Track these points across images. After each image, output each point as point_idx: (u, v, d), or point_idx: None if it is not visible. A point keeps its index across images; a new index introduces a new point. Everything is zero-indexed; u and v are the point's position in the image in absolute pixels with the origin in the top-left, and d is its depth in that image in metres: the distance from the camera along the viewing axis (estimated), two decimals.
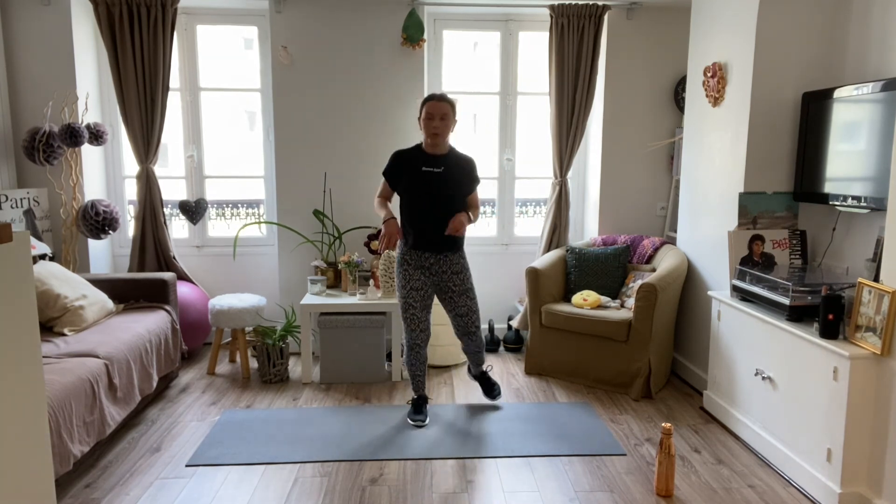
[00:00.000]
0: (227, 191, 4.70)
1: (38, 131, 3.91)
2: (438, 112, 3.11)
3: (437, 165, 3.16)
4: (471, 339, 3.38)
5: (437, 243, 3.18)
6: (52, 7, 4.10)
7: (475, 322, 3.34)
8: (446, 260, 3.21)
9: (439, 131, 3.11)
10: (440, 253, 3.20)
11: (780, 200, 3.34)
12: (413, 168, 3.16)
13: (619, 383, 3.77)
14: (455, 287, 3.25)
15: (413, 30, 4.25)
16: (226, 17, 4.47)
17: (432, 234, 3.17)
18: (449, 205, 3.15)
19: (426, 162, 3.16)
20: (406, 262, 3.23)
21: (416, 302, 3.23)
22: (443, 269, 3.23)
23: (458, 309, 3.30)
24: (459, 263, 3.25)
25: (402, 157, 3.21)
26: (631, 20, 4.41)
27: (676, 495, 2.68)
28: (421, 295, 3.24)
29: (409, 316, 3.26)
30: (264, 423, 3.33)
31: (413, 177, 3.15)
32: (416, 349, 3.32)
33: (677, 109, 4.51)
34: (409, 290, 3.22)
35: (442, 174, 3.14)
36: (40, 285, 3.26)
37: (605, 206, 4.59)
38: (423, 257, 3.20)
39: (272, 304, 4.72)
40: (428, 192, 3.13)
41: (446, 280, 3.24)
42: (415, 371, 3.38)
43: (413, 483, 2.78)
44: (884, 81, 2.68)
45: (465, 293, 3.28)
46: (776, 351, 2.90)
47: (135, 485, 2.74)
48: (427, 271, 3.23)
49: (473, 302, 3.31)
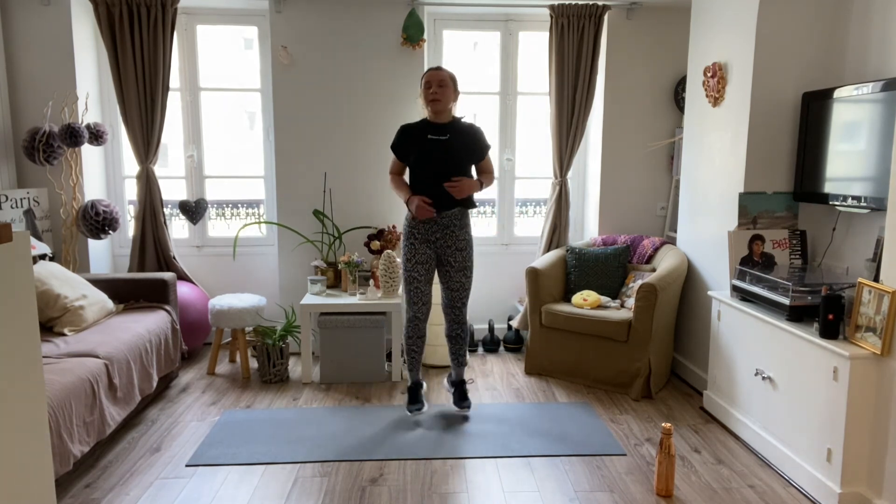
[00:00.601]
0: (227, 191, 4.70)
1: (38, 131, 3.91)
2: (436, 79, 3.18)
3: (443, 133, 3.21)
4: (455, 313, 3.37)
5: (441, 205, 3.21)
6: (52, 7, 4.10)
7: (463, 298, 3.36)
8: (452, 235, 3.25)
9: (438, 97, 3.16)
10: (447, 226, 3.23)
11: (780, 200, 3.34)
12: (419, 138, 3.22)
13: (619, 383, 3.77)
14: (455, 263, 3.29)
15: (413, 30, 4.25)
16: (226, 17, 4.47)
17: (441, 201, 3.20)
18: (458, 170, 3.20)
19: (431, 130, 3.22)
20: (413, 236, 3.26)
21: (420, 276, 3.28)
22: (447, 244, 3.26)
23: (451, 283, 3.33)
24: (465, 240, 3.29)
25: (407, 130, 3.29)
26: (631, 20, 4.41)
27: (676, 495, 2.68)
28: (426, 269, 3.29)
29: (412, 289, 3.30)
30: (264, 423, 3.33)
31: (420, 146, 3.21)
32: (417, 322, 3.36)
33: (677, 109, 4.51)
34: (415, 263, 3.26)
35: (448, 141, 3.20)
36: (40, 285, 3.26)
37: (605, 206, 4.59)
38: (430, 231, 3.24)
39: (272, 304, 4.72)
40: (436, 159, 3.18)
41: (448, 255, 3.28)
42: (412, 346, 3.40)
43: (413, 483, 2.78)
44: (884, 81, 2.68)
45: (462, 270, 3.31)
46: (776, 351, 2.90)
47: (135, 485, 2.74)
48: (433, 245, 3.27)
49: (468, 280, 3.35)
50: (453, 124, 3.26)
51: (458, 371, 3.50)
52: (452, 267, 3.30)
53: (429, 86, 3.18)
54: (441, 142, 3.19)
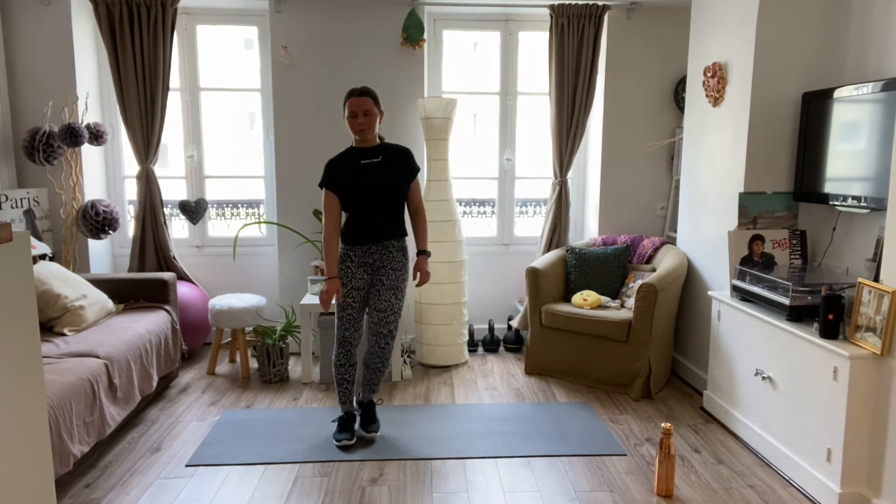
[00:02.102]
0: (227, 191, 4.70)
1: (38, 131, 3.91)
2: (361, 109, 2.99)
3: (375, 156, 3.06)
4: (380, 342, 3.14)
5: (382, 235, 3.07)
6: (52, 7, 4.10)
7: (390, 324, 3.13)
8: (390, 256, 3.10)
9: (365, 127, 3.01)
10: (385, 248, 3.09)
11: (780, 200, 3.34)
12: (352, 165, 3.05)
13: (619, 383, 3.77)
14: (387, 281, 3.09)
15: (413, 30, 4.25)
16: (226, 17, 4.47)
17: (378, 229, 3.05)
18: (394, 191, 3.05)
19: (362, 155, 3.06)
20: (349, 259, 3.07)
21: (355, 302, 3.08)
22: (383, 264, 3.09)
23: (378, 304, 3.09)
24: (401, 262, 3.13)
25: (337, 162, 3.09)
26: (631, 20, 4.41)
27: (676, 495, 2.68)
28: (361, 295, 3.09)
29: (346, 315, 3.08)
30: (264, 423, 3.33)
31: (353, 172, 3.03)
32: (349, 346, 3.13)
33: (677, 109, 4.51)
34: (350, 289, 3.06)
35: (381, 162, 3.05)
36: (40, 285, 3.26)
37: (605, 206, 4.59)
38: (368, 253, 3.08)
39: (272, 304, 4.72)
40: (371, 182, 3.02)
41: (382, 274, 3.10)
42: (344, 375, 3.16)
43: (413, 483, 2.78)
44: (884, 81, 2.68)
45: (392, 289, 3.10)
46: (776, 351, 2.90)
47: (135, 485, 2.74)
48: (369, 268, 3.10)
49: (398, 302, 3.12)
50: (382, 147, 3.09)
51: (367, 396, 3.27)
52: (384, 285, 3.08)
53: (354, 115, 2.99)
54: (375, 164, 3.04)
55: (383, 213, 3.05)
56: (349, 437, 3.11)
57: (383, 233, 3.07)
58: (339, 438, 3.12)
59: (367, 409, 3.26)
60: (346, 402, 3.22)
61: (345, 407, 3.22)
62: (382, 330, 3.13)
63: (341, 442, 3.10)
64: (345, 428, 3.16)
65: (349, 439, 3.11)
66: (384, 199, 3.04)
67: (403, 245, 3.16)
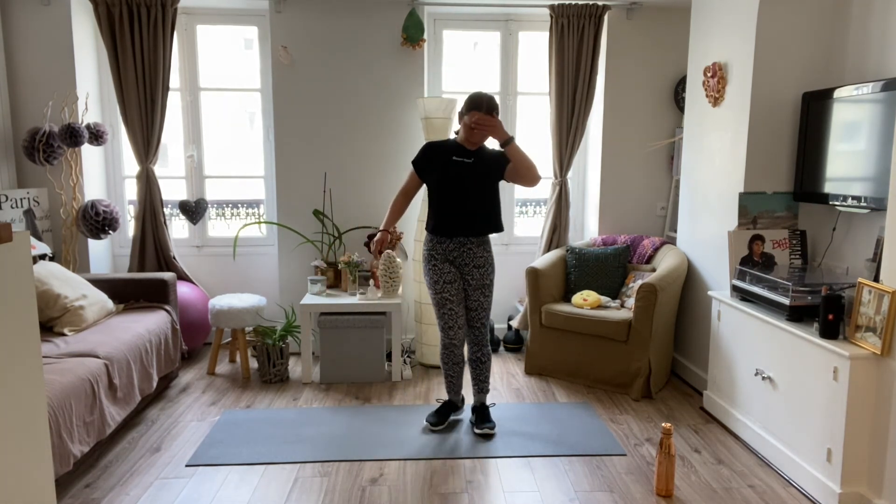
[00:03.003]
0: (227, 191, 4.70)
1: (38, 131, 3.91)
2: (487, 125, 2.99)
3: (469, 156, 3.10)
4: (475, 333, 3.24)
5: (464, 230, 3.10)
6: (52, 7, 4.10)
7: (482, 318, 3.23)
8: (470, 252, 3.13)
9: (479, 141, 3.08)
10: (466, 239, 3.12)
11: (780, 200, 3.34)
12: (444, 158, 3.10)
13: (619, 383, 3.77)
14: (473, 281, 3.16)
15: (413, 30, 4.25)
16: (226, 17, 4.47)
17: (458, 222, 3.09)
18: (478, 195, 3.08)
19: (457, 152, 3.11)
20: (433, 258, 3.14)
21: (451, 296, 3.12)
22: (465, 262, 3.15)
23: (469, 302, 3.20)
24: (483, 257, 3.16)
25: (433, 148, 3.14)
26: (631, 20, 4.41)
27: (676, 495, 2.68)
28: (455, 288, 3.14)
29: (446, 311, 3.14)
30: (264, 423, 3.33)
31: (443, 166, 3.08)
32: (452, 349, 3.23)
33: (677, 109, 4.51)
34: (444, 283, 3.11)
35: (472, 164, 3.08)
36: (40, 285, 3.26)
37: (605, 206, 4.59)
38: (448, 249, 3.13)
39: (272, 304, 4.72)
40: (457, 182, 3.06)
41: (466, 273, 3.16)
42: (448, 372, 3.30)
43: (413, 483, 2.78)
44: (884, 81, 2.68)
45: (481, 288, 3.18)
46: (776, 351, 2.90)
47: (135, 485, 2.74)
48: (453, 263, 3.16)
49: (487, 300, 3.22)
50: (481, 150, 3.13)
51: (480, 397, 3.33)
52: (470, 285, 3.17)
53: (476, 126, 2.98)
54: (465, 165, 3.07)
55: (467, 212, 3.09)
56: (438, 423, 3.29)
57: (462, 230, 3.10)
58: (432, 421, 3.29)
59: (480, 411, 3.32)
60: (453, 392, 3.38)
61: (451, 395, 3.39)
62: (476, 324, 3.25)
63: (429, 424, 3.29)
64: (439, 412, 3.34)
65: (437, 426, 3.28)
66: (468, 200, 3.07)
67: (484, 240, 3.18)
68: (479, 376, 3.30)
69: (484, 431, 3.21)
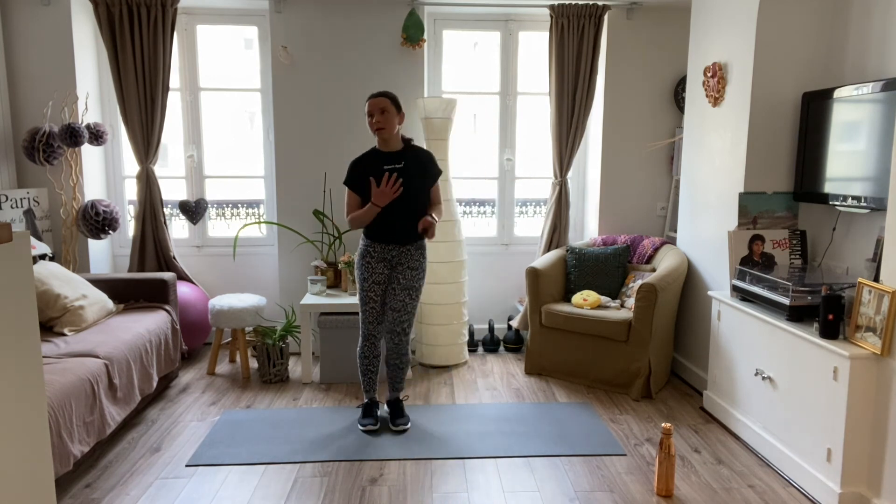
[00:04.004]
0: (227, 191, 4.70)
1: (38, 131, 3.91)
2: (376, 108, 3.07)
3: (398, 161, 3.12)
4: (395, 340, 3.23)
5: (403, 237, 3.14)
6: (52, 7, 4.10)
7: (403, 323, 3.21)
8: (407, 253, 3.17)
9: (382, 124, 3.07)
10: (404, 246, 3.16)
11: (780, 200, 3.34)
12: (374, 169, 3.12)
13: (619, 383, 3.77)
14: (402, 280, 3.17)
15: (413, 30, 4.25)
16: (226, 17, 4.47)
17: (399, 229, 3.12)
18: (414, 197, 3.10)
19: (385, 160, 3.13)
20: (369, 255, 3.18)
21: (376, 296, 3.19)
22: (401, 262, 3.18)
23: (393, 303, 3.19)
24: (418, 260, 3.20)
25: (360, 163, 3.17)
26: (631, 20, 4.41)
27: (676, 495, 2.68)
28: (382, 289, 3.20)
29: (368, 309, 3.21)
30: (264, 423, 3.33)
31: (376, 176, 3.10)
32: (372, 339, 3.25)
33: (677, 109, 4.51)
34: (371, 283, 3.18)
35: (404, 168, 3.11)
36: (40, 285, 3.26)
37: (605, 206, 4.59)
38: (387, 249, 3.16)
39: (272, 304, 4.72)
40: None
41: (399, 272, 3.18)
42: (367, 366, 3.29)
43: (413, 483, 2.78)
44: (884, 81, 2.68)
45: (408, 289, 3.18)
46: (776, 351, 2.90)
47: (135, 485, 2.74)
48: (388, 263, 3.19)
49: (412, 302, 3.21)
50: (406, 150, 3.16)
51: (394, 394, 3.38)
52: (399, 284, 3.17)
53: (371, 115, 3.07)
54: (397, 171, 3.10)
55: (403, 217, 3.12)
56: (373, 423, 3.26)
57: (403, 235, 3.15)
58: (364, 423, 3.26)
59: (394, 406, 3.36)
60: (370, 390, 3.36)
61: (368, 395, 3.36)
62: (397, 328, 3.24)
63: (366, 427, 3.25)
64: (368, 413, 3.32)
65: (373, 424, 3.26)
66: (404, 204, 3.10)
67: (422, 245, 3.23)
68: (395, 378, 3.36)
69: (399, 428, 3.26)
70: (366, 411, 3.33)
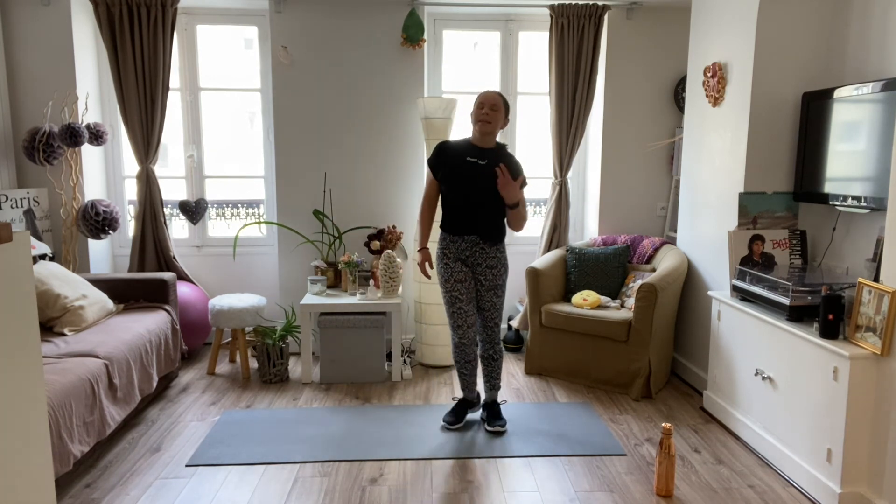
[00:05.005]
0: (227, 191, 4.70)
1: (38, 131, 3.91)
2: (489, 101, 3.05)
3: (482, 157, 3.09)
4: (487, 333, 3.24)
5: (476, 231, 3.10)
6: (52, 7, 4.10)
7: (495, 318, 3.23)
8: (483, 252, 3.13)
9: (489, 118, 3.03)
10: (479, 245, 3.12)
11: (780, 200, 3.34)
12: (456, 157, 3.10)
13: (619, 383, 3.77)
14: (486, 282, 3.15)
15: (413, 30, 4.25)
16: (226, 17, 4.47)
17: (470, 224, 3.09)
18: (489, 197, 3.07)
19: (471, 152, 3.11)
20: (445, 256, 3.15)
21: (461, 294, 3.13)
22: (478, 262, 3.14)
23: (482, 303, 3.20)
24: (496, 258, 3.15)
25: (446, 147, 3.16)
26: (631, 20, 4.41)
27: (676, 495, 2.68)
28: (466, 287, 3.14)
29: (455, 310, 3.15)
30: (264, 423, 3.33)
31: (455, 166, 3.08)
32: (463, 347, 3.22)
33: (677, 109, 4.51)
34: (454, 282, 3.13)
35: (485, 166, 3.07)
36: (40, 285, 3.26)
37: (605, 206, 4.59)
38: (461, 248, 3.13)
39: (272, 304, 4.72)
40: (469, 182, 3.06)
41: (479, 273, 3.16)
42: (461, 370, 3.30)
43: (413, 483, 2.78)
44: (884, 81, 2.68)
45: (493, 289, 3.17)
46: (776, 351, 2.90)
47: (135, 485, 2.74)
48: (465, 262, 3.16)
49: (500, 300, 3.21)
50: (495, 151, 3.12)
51: (491, 394, 3.34)
52: (483, 286, 3.16)
53: (481, 106, 3.05)
54: (478, 166, 3.07)
55: (476, 214, 3.10)
56: (456, 423, 3.29)
57: (474, 233, 3.12)
58: (449, 420, 3.30)
59: (490, 408, 3.35)
60: (467, 389, 3.37)
61: (465, 393, 3.38)
62: (489, 323, 3.25)
63: (446, 424, 3.29)
64: (454, 411, 3.34)
65: (453, 425, 3.29)
66: (478, 201, 3.08)
67: (499, 244, 3.18)
68: (491, 374, 3.32)
69: (495, 429, 3.24)
70: (457, 408, 3.34)
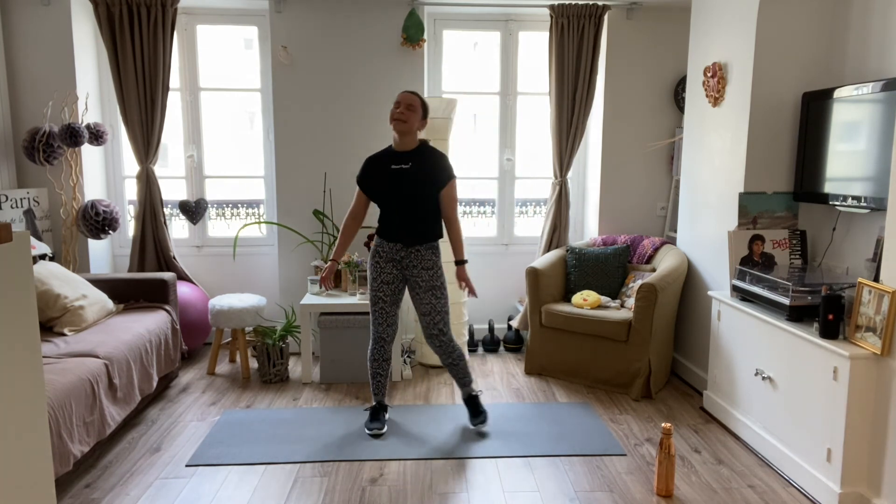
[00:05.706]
0: (227, 191, 4.70)
1: (38, 131, 3.91)
2: (406, 100, 3.07)
3: (405, 162, 3.11)
4: (435, 342, 3.20)
5: (408, 238, 3.12)
6: (52, 7, 4.10)
7: (438, 324, 3.17)
8: (417, 254, 3.14)
9: (404, 117, 3.05)
10: (412, 247, 3.14)
11: (780, 200, 3.34)
12: (382, 168, 3.14)
13: (619, 383, 3.77)
14: (422, 283, 3.14)
15: (413, 30, 4.25)
16: (226, 17, 4.47)
17: (404, 231, 3.11)
18: (421, 201, 3.10)
19: (394, 160, 3.13)
20: (378, 255, 3.18)
21: (385, 296, 3.17)
22: (413, 264, 3.15)
23: (421, 307, 3.17)
24: (431, 260, 3.15)
25: (372, 161, 3.19)
26: (631, 20, 4.41)
27: (676, 495, 2.68)
28: (391, 289, 3.18)
29: (377, 309, 3.19)
30: (264, 423, 3.33)
31: (381, 176, 3.12)
32: (381, 343, 3.22)
33: (677, 109, 4.51)
34: (380, 283, 3.17)
35: (410, 170, 3.09)
36: (40, 285, 3.26)
37: (605, 206, 4.59)
38: (395, 249, 3.15)
39: (272, 304, 4.72)
40: (396, 190, 3.08)
41: (415, 275, 3.15)
42: (377, 369, 3.26)
43: (413, 483, 2.78)
44: (884, 81, 2.68)
45: (430, 290, 3.14)
46: (776, 351, 2.90)
47: (135, 485, 2.74)
48: (398, 264, 3.17)
49: (439, 301, 3.16)
50: (417, 151, 3.13)
51: (465, 390, 3.34)
52: (420, 287, 3.15)
53: (397, 105, 3.07)
54: (403, 171, 3.09)
55: (409, 218, 3.11)
56: (380, 427, 3.23)
57: (409, 237, 3.13)
58: (371, 427, 3.22)
59: (470, 403, 3.33)
60: (378, 394, 3.32)
61: (376, 398, 3.32)
62: (433, 331, 3.20)
63: (372, 431, 3.21)
64: (376, 417, 3.27)
65: (380, 429, 3.22)
66: (409, 207, 3.10)
67: (433, 245, 3.19)
68: (458, 375, 3.30)
69: (478, 427, 3.24)
70: (373, 415, 3.27)
